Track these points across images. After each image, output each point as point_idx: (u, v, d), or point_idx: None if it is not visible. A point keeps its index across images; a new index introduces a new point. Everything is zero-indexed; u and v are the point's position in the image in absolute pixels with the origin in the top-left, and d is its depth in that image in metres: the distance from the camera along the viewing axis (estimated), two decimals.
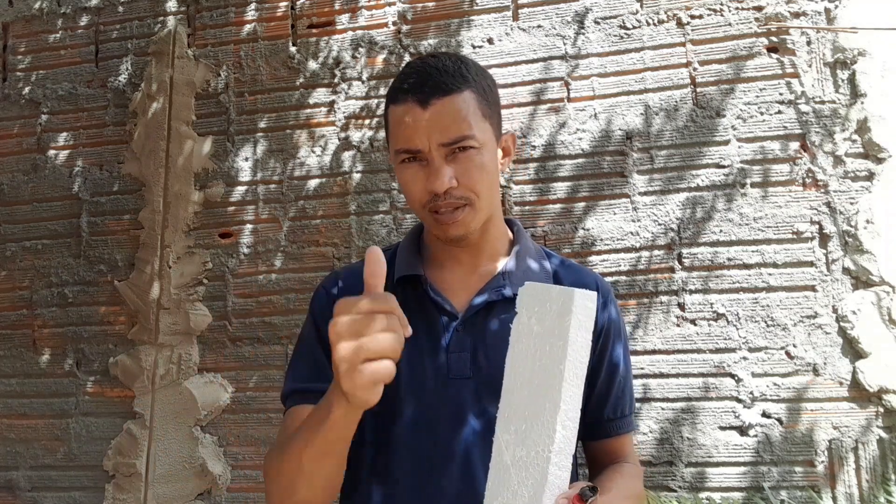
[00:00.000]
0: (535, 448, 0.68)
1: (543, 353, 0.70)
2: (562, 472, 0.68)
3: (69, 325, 2.69)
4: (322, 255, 2.53)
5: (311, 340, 0.98)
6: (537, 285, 0.74)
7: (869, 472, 2.07)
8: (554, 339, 0.69)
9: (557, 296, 0.70)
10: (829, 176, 2.21)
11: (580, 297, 0.68)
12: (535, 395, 0.70)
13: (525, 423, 0.70)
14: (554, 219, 2.39)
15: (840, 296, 2.16)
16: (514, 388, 0.72)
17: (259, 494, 2.46)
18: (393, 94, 0.93)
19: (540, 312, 0.71)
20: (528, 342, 0.72)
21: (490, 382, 0.91)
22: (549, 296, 0.71)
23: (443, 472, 0.89)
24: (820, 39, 2.27)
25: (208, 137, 2.69)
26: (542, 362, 0.70)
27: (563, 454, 0.68)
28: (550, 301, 0.70)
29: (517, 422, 0.71)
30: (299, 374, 0.97)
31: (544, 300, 0.71)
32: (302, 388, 0.94)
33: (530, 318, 0.72)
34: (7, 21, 2.96)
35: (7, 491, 2.65)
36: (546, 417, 0.68)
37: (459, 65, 0.92)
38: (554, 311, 0.70)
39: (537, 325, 0.71)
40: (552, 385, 0.68)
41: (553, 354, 0.69)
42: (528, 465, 0.69)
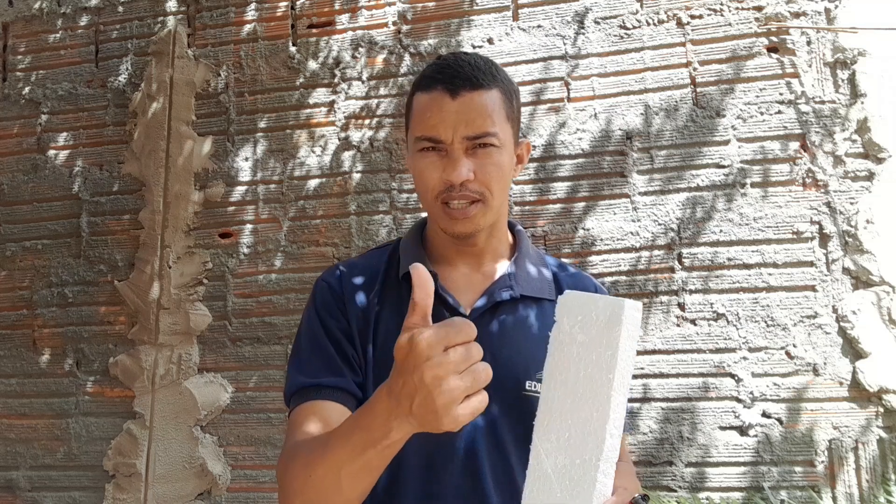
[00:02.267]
0: (580, 456, 0.68)
1: (589, 363, 0.69)
2: (608, 479, 0.68)
3: (69, 325, 2.69)
4: (322, 255, 2.53)
5: (318, 336, 0.96)
6: (580, 294, 0.73)
7: (869, 472, 2.07)
8: (601, 349, 0.69)
9: (606, 306, 0.69)
10: (829, 176, 2.21)
11: (630, 308, 0.68)
12: (580, 404, 0.69)
13: (568, 432, 0.70)
14: (554, 219, 2.39)
15: (840, 296, 2.16)
16: (554, 397, 0.72)
17: (259, 494, 2.46)
18: (422, 82, 0.93)
19: (584, 321, 0.71)
20: (571, 350, 0.71)
21: (495, 382, 0.90)
22: (594, 305, 0.70)
23: (446, 468, 0.89)
24: (820, 39, 2.27)
25: (208, 137, 2.69)
26: (587, 371, 0.69)
27: (609, 462, 0.68)
28: (597, 311, 0.70)
29: (559, 430, 0.70)
30: (309, 370, 0.93)
31: (589, 309, 0.71)
32: (314, 383, 0.91)
33: (573, 327, 0.71)
34: (7, 21, 2.96)
35: (7, 491, 2.65)
36: (594, 426, 0.68)
37: (491, 65, 0.95)
38: (601, 321, 0.69)
39: (581, 333, 0.70)
40: (600, 394, 0.68)
41: (601, 364, 0.68)
42: (571, 473, 0.68)
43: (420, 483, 0.90)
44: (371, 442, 0.68)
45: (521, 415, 0.90)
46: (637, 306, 0.69)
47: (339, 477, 0.73)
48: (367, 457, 0.70)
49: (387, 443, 0.68)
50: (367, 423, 0.69)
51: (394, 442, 0.68)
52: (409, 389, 0.62)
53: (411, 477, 0.90)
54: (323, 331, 0.96)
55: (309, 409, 0.89)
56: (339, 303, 0.98)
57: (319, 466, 0.75)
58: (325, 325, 0.96)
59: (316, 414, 0.87)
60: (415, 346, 0.61)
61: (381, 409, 0.66)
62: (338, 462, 0.72)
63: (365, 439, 0.69)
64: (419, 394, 0.61)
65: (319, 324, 0.97)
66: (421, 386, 0.60)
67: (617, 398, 0.68)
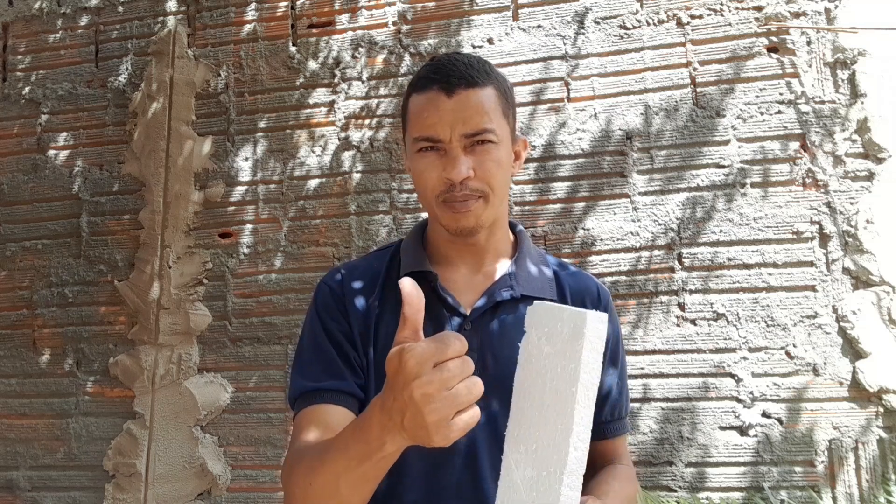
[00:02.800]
0: (546, 468, 0.68)
1: (555, 375, 0.69)
2: (573, 492, 0.68)
3: (69, 325, 2.69)
4: (322, 255, 2.53)
5: (320, 339, 0.96)
6: (547, 305, 0.73)
7: (869, 472, 2.07)
8: (566, 362, 0.68)
9: (569, 317, 0.69)
10: (829, 176, 2.21)
11: (592, 320, 0.68)
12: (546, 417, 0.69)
13: (535, 444, 0.70)
14: (554, 219, 2.39)
15: (840, 296, 2.16)
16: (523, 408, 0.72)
17: (259, 494, 2.46)
18: (417, 83, 0.94)
19: (550, 333, 0.71)
20: (539, 363, 0.71)
21: (496, 380, 0.91)
22: (560, 316, 0.70)
23: (447, 465, 0.89)
24: (820, 39, 2.27)
25: (208, 137, 2.69)
26: (553, 384, 0.69)
27: (574, 475, 0.68)
28: (562, 322, 0.70)
29: (527, 442, 0.70)
30: (311, 374, 0.94)
31: (555, 321, 0.70)
32: (316, 387, 0.92)
33: (540, 339, 0.71)
34: (7, 21, 2.96)
35: (7, 491, 2.65)
36: (558, 439, 0.68)
37: (484, 64, 0.95)
38: (565, 333, 0.69)
39: (548, 345, 0.71)
40: (564, 407, 0.68)
41: (565, 377, 0.68)
42: (538, 484, 0.68)
43: (421, 480, 0.90)
44: (367, 454, 0.69)
45: None
46: (601, 317, 0.69)
47: (337, 486, 0.73)
48: (363, 468, 0.70)
49: (381, 455, 0.68)
50: (362, 435, 0.69)
51: (388, 454, 0.68)
52: (400, 405, 0.62)
53: (412, 474, 0.90)
54: (324, 334, 0.96)
55: (311, 413, 0.89)
56: (340, 305, 0.98)
57: (319, 475, 0.75)
58: (326, 328, 0.97)
59: (318, 418, 0.88)
60: (404, 363, 0.60)
61: (375, 422, 0.66)
62: (336, 472, 0.73)
63: (361, 451, 0.69)
64: (409, 410, 0.61)
65: (321, 327, 0.97)
66: (411, 403, 0.60)
67: (581, 411, 0.67)
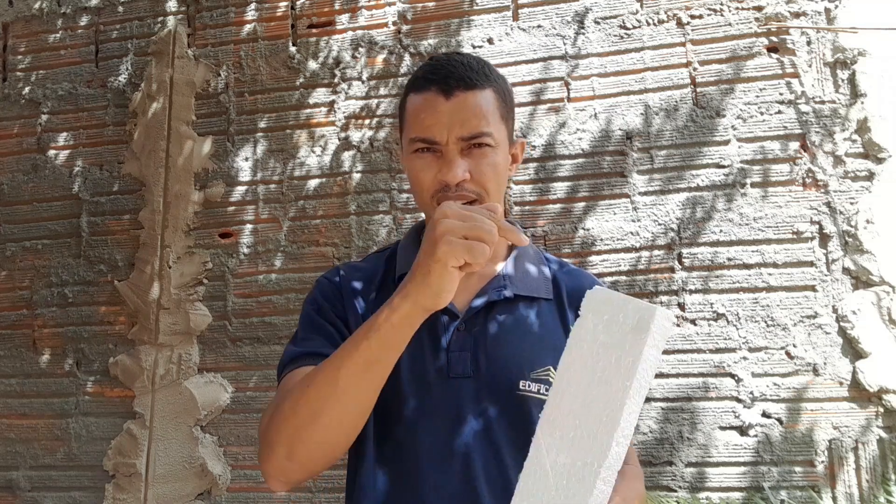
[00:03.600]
0: (582, 458, 0.66)
1: (608, 365, 0.67)
2: (606, 486, 0.66)
3: (69, 325, 2.69)
4: (322, 255, 2.53)
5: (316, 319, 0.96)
6: (610, 293, 0.71)
7: (869, 472, 2.07)
8: (623, 354, 0.66)
9: (635, 310, 0.67)
10: (829, 176, 2.21)
11: (660, 316, 0.66)
12: (591, 407, 0.67)
13: (574, 432, 0.67)
14: (554, 219, 2.39)
15: (840, 296, 2.16)
16: (565, 393, 0.70)
17: (259, 494, 2.46)
18: (415, 83, 0.93)
19: (609, 322, 0.68)
20: (591, 349, 0.69)
21: (490, 382, 0.91)
22: (623, 307, 0.68)
23: (443, 469, 0.89)
24: (820, 39, 2.27)
25: (208, 137, 2.69)
26: (603, 374, 0.67)
27: (611, 470, 0.66)
28: (625, 314, 0.67)
29: (564, 428, 0.68)
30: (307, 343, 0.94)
31: (616, 310, 0.68)
32: (311, 351, 0.91)
33: (596, 326, 0.69)
34: (7, 21, 2.96)
35: (7, 491, 2.65)
36: (601, 431, 0.66)
37: (484, 65, 0.94)
38: (628, 325, 0.67)
39: (604, 334, 0.68)
40: (614, 400, 0.66)
41: (619, 369, 0.66)
42: (571, 473, 0.66)
43: (415, 485, 0.89)
44: (373, 327, 0.73)
45: (516, 414, 0.90)
46: (668, 315, 0.67)
47: (336, 379, 0.74)
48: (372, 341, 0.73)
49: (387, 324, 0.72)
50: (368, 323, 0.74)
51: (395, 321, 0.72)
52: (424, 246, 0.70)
53: (406, 479, 0.90)
54: (322, 316, 0.96)
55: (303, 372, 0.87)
56: (338, 297, 0.98)
57: (318, 375, 0.77)
58: (323, 311, 0.97)
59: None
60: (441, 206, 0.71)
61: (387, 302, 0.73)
62: (337, 362, 0.75)
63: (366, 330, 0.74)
64: (426, 240, 0.68)
65: (318, 310, 0.97)
66: (430, 233, 0.68)
67: (630, 406, 0.65)
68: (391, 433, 0.92)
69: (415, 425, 0.91)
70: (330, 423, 0.76)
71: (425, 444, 0.90)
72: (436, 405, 0.91)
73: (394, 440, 0.91)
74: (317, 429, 0.77)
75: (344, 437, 0.80)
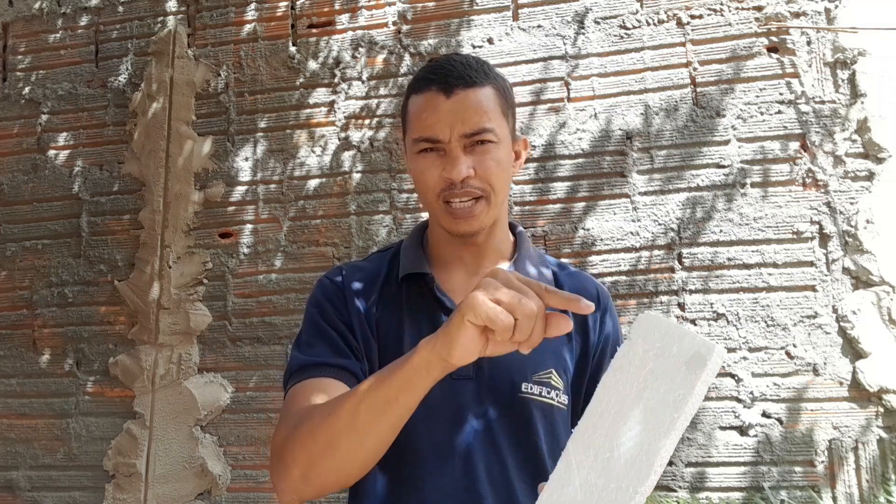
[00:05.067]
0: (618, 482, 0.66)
1: (655, 394, 0.67)
2: None
3: (69, 325, 2.69)
4: (322, 255, 2.53)
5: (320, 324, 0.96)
6: (664, 320, 0.70)
7: (869, 472, 2.07)
8: (674, 386, 0.66)
9: (691, 344, 0.66)
10: (829, 176, 2.21)
11: (717, 354, 0.65)
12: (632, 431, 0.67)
13: (610, 453, 0.68)
14: (554, 219, 2.39)
15: (840, 296, 2.16)
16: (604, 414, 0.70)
17: (259, 494, 2.46)
18: (416, 84, 0.94)
19: (661, 349, 0.68)
20: (638, 374, 0.69)
21: (492, 383, 0.91)
22: (678, 339, 0.68)
23: (443, 469, 0.89)
24: (820, 39, 2.27)
25: (208, 137, 2.69)
26: (650, 403, 0.67)
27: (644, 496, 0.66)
28: (679, 345, 0.67)
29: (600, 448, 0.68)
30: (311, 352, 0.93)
31: (670, 341, 0.68)
32: (318, 361, 0.90)
33: (646, 353, 0.69)
34: (7, 21, 2.96)
35: (7, 491, 2.65)
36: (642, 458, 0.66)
37: (482, 64, 0.95)
38: (682, 358, 0.67)
39: (653, 362, 0.68)
40: (658, 430, 0.66)
41: (668, 400, 0.66)
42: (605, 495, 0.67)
43: (416, 483, 0.89)
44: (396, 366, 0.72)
45: (518, 416, 0.90)
46: (723, 353, 0.66)
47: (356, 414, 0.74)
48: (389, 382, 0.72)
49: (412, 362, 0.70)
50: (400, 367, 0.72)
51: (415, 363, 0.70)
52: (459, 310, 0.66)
53: (408, 480, 0.90)
54: (326, 320, 0.96)
55: (312, 383, 0.87)
56: (341, 297, 0.98)
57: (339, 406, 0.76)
58: (327, 316, 0.96)
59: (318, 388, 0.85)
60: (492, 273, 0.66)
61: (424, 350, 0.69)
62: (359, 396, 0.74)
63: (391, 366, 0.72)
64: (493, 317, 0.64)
65: (322, 314, 0.97)
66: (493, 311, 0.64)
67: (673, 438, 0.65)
68: None
69: (416, 426, 0.91)
70: (345, 456, 0.76)
71: (427, 445, 0.90)
72: (438, 406, 0.91)
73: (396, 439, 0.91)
74: (333, 459, 0.77)
75: (358, 468, 0.80)
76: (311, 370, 0.89)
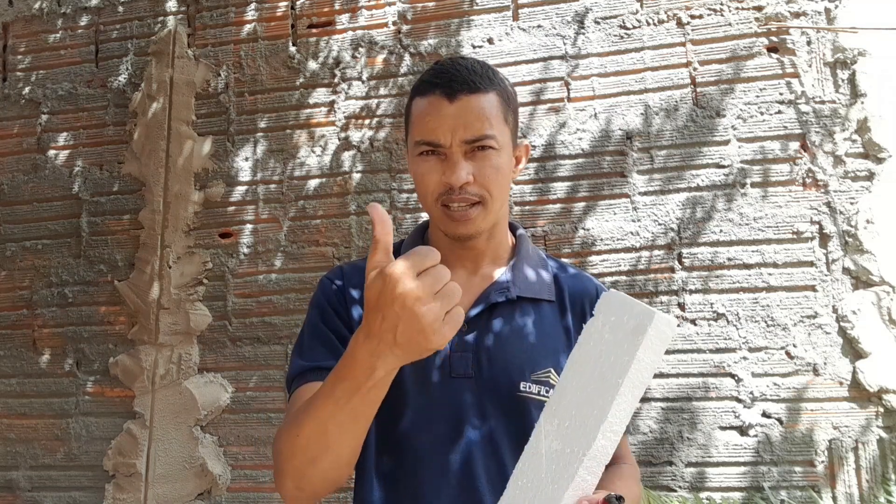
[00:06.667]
0: (570, 446, 0.70)
1: (607, 363, 0.71)
2: (591, 477, 0.70)
3: (69, 325, 2.69)
4: (322, 255, 2.53)
5: (319, 325, 0.97)
6: (621, 296, 0.75)
7: (869, 472, 2.07)
8: (621, 353, 0.70)
9: (637, 313, 0.71)
10: (829, 176, 2.21)
11: (658, 321, 0.69)
12: (587, 399, 0.71)
13: (569, 421, 0.72)
14: (554, 219, 2.39)
15: (840, 296, 2.16)
16: (568, 385, 0.74)
17: (259, 494, 2.46)
18: (420, 87, 0.94)
19: (615, 323, 0.72)
20: (596, 347, 0.73)
21: (490, 383, 0.91)
22: (629, 310, 0.72)
23: (443, 468, 0.89)
24: (820, 39, 2.27)
25: (208, 137, 2.69)
26: (602, 370, 0.71)
27: (596, 461, 0.69)
28: (629, 315, 0.71)
29: (562, 417, 0.72)
30: (310, 355, 0.95)
31: (622, 312, 0.72)
32: (316, 365, 0.92)
33: (604, 325, 0.73)
34: (7, 21, 2.96)
35: (7, 491, 2.65)
36: (590, 422, 0.69)
37: (488, 69, 0.95)
38: (629, 327, 0.71)
39: (609, 333, 0.72)
40: (605, 395, 0.69)
41: (615, 367, 0.70)
42: (560, 460, 0.70)
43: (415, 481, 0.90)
44: (355, 388, 0.69)
45: (517, 415, 0.90)
46: (669, 322, 0.70)
47: (326, 431, 0.74)
48: (352, 405, 0.71)
49: (371, 384, 0.69)
50: (347, 372, 0.70)
51: (378, 381, 0.69)
52: (391, 321, 0.63)
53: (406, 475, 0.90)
54: (325, 322, 0.97)
55: (309, 388, 0.89)
56: (341, 300, 0.99)
57: (306, 425, 0.76)
58: (327, 318, 0.98)
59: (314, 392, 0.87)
60: (387, 278, 0.63)
61: (362, 353, 0.67)
62: (323, 418, 0.73)
63: (348, 387, 0.70)
64: (402, 321, 0.63)
65: (322, 317, 0.98)
66: (402, 312, 0.62)
67: (620, 404, 0.69)
68: (392, 432, 0.92)
69: (416, 424, 0.91)
70: (327, 465, 0.78)
71: (426, 443, 0.90)
72: (437, 404, 0.91)
73: (394, 439, 0.92)
74: (316, 470, 0.78)
75: (345, 469, 0.81)
76: (309, 375, 0.91)
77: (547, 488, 0.70)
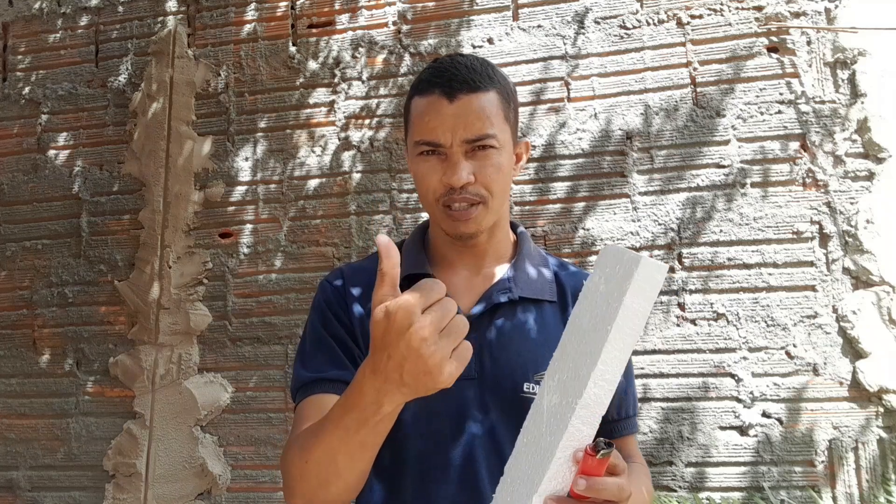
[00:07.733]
0: (566, 398, 0.70)
1: (600, 312, 0.70)
2: (586, 427, 0.69)
3: (69, 325, 2.69)
4: (322, 255, 2.53)
5: (322, 333, 0.97)
6: (617, 248, 0.73)
7: (869, 472, 2.07)
8: (611, 300, 0.69)
9: (627, 260, 0.70)
10: (829, 176, 2.21)
11: (645, 265, 0.68)
12: (580, 350, 0.71)
13: (566, 374, 0.71)
14: (554, 219, 2.39)
15: (840, 296, 2.16)
16: (568, 341, 0.74)
17: (259, 494, 2.46)
18: (419, 86, 0.94)
19: (609, 274, 0.72)
20: (593, 300, 0.72)
21: (493, 384, 0.91)
22: (620, 258, 0.71)
23: (445, 469, 0.89)
24: (820, 39, 2.27)
25: (208, 137, 2.69)
26: (595, 321, 0.70)
27: (589, 409, 0.68)
28: (620, 264, 0.70)
29: (561, 371, 0.72)
30: (313, 365, 0.94)
31: (616, 262, 0.71)
32: (318, 376, 0.92)
33: (600, 279, 0.73)
34: (7, 21, 2.96)
35: (7, 491, 2.65)
36: (582, 371, 0.69)
37: (487, 67, 0.94)
38: (619, 274, 0.70)
39: (604, 284, 0.72)
40: (596, 342, 0.69)
41: (606, 314, 0.69)
42: (557, 413, 0.70)
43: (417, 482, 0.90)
44: (362, 421, 0.69)
45: (520, 416, 0.89)
46: (658, 267, 0.68)
47: (335, 460, 0.74)
48: (360, 436, 0.70)
49: (378, 418, 0.68)
50: (355, 402, 0.69)
51: (386, 416, 0.68)
52: (397, 360, 0.62)
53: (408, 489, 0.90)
54: (326, 328, 0.97)
55: (313, 402, 0.89)
56: (342, 302, 0.98)
57: (315, 451, 0.75)
58: (328, 323, 0.97)
59: (319, 406, 0.87)
60: (393, 316, 0.61)
61: (369, 387, 0.66)
62: (332, 446, 0.73)
63: (356, 419, 0.69)
64: (408, 360, 0.62)
65: (323, 322, 0.98)
66: (409, 352, 0.61)
67: (611, 351, 0.68)
68: (394, 434, 0.92)
69: (417, 425, 0.91)
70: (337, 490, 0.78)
71: (428, 444, 0.90)
72: (439, 406, 0.91)
73: (396, 439, 0.91)
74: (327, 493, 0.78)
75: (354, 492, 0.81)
76: (314, 386, 0.91)
77: (545, 440, 0.69)
